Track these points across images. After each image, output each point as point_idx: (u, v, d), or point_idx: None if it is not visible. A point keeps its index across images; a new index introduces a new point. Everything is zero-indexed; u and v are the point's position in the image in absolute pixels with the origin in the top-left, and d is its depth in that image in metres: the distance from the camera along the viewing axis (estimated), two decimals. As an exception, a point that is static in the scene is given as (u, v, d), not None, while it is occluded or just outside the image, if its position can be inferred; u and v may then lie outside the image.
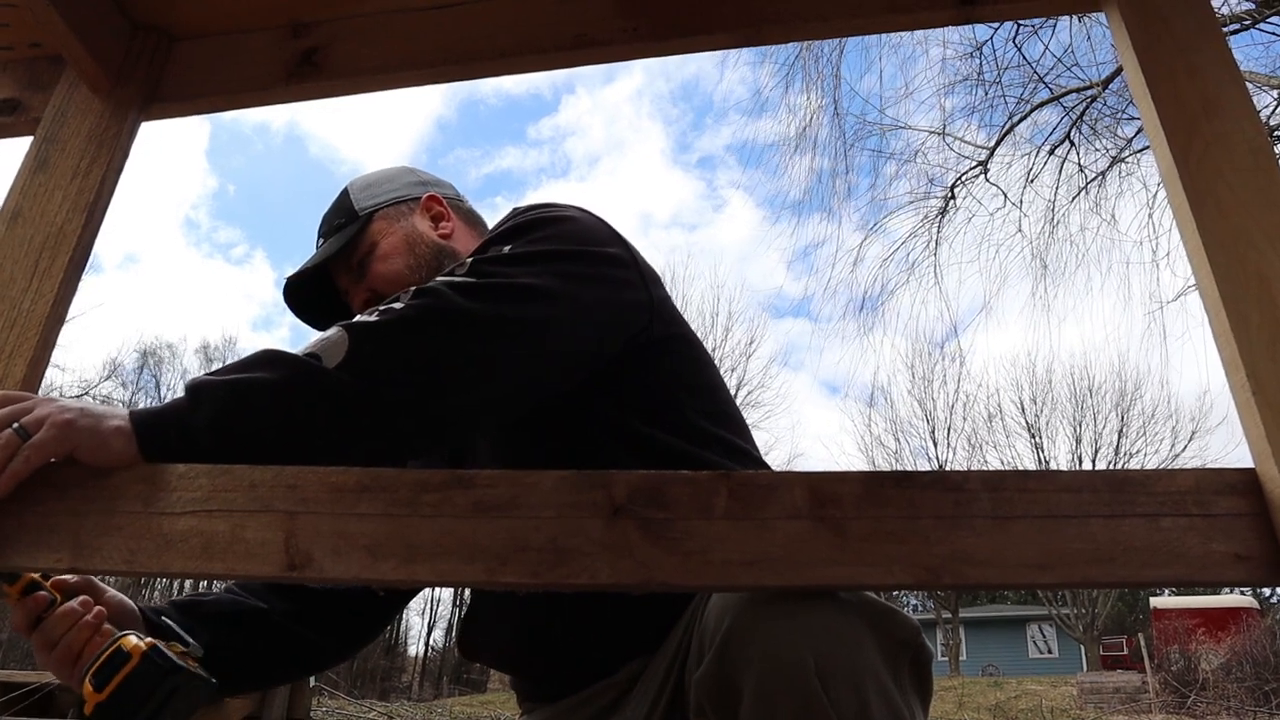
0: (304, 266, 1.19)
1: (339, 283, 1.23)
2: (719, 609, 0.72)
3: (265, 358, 0.81)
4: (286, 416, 0.78)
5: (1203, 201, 0.71)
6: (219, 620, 1.02)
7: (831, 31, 0.95)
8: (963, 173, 8.17)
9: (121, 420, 0.77)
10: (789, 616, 0.68)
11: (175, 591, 23.31)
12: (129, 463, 0.74)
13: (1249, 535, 0.62)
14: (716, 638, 0.71)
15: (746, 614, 0.69)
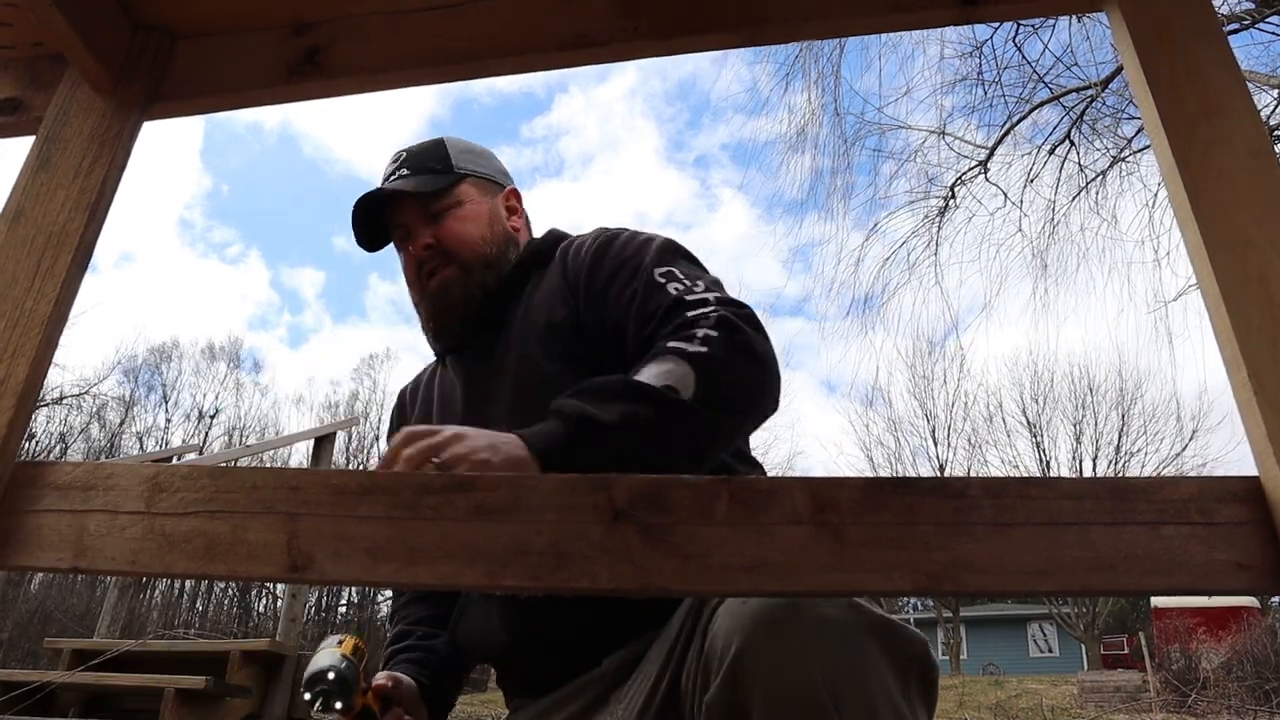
0: (387, 189, 1.25)
1: (400, 216, 1.27)
2: (726, 629, 0.72)
3: (632, 391, 0.89)
4: (662, 447, 0.88)
5: (1203, 201, 0.71)
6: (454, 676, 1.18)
7: (832, 31, 0.95)
8: (963, 172, 8.17)
9: (522, 452, 0.84)
10: (798, 637, 0.69)
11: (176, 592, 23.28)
12: None
13: (1251, 543, 0.62)
14: (725, 660, 0.71)
15: (756, 636, 0.70)
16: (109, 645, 4.25)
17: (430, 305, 1.26)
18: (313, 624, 24.14)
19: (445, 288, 1.24)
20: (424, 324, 1.29)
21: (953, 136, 8.19)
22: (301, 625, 4.92)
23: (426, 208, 1.26)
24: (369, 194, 1.24)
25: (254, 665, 4.15)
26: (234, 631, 21.44)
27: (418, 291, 1.28)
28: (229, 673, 3.99)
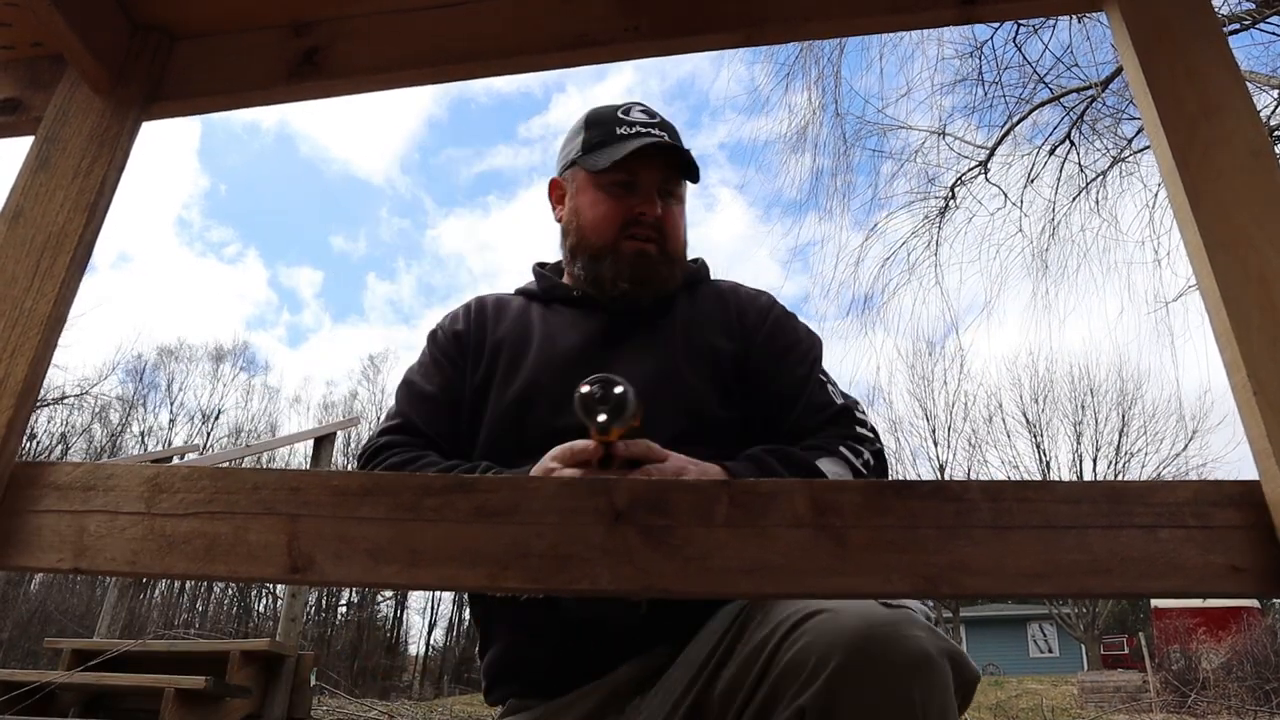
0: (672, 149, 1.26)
1: (644, 171, 1.27)
2: (825, 643, 0.77)
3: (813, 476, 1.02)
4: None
5: (1203, 202, 0.71)
6: None
7: (833, 31, 0.95)
8: (963, 172, 8.17)
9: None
10: (900, 658, 0.74)
11: (175, 592, 23.29)
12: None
13: (1246, 547, 0.62)
14: (825, 670, 0.75)
15: (860, 651, 0.75)
16: (109, 645, 4.25)
17: (627, 264, 1.25)
18: (313, 624, 24.13)
19: (650, 261, 1.25)
20: (593, 267, 1.28)
21: (953, 137, 8.19)
22: (301, 625, 4.92)
23: (668, 182, 1.28)
24: (655, 140, 1.26)
25: (254, 665, 4.15)
26: (234, 631, 21.45)
27: (617, 241, 1.26)
28: (229, 673, 3.99)
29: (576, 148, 1.33)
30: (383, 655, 25.57)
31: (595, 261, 1.27)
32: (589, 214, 1.28)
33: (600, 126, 1.31)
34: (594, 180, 1.28)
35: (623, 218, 1.25)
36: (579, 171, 1.31)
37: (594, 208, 1.28)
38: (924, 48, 7.96)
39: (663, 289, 1.27)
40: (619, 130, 1.28)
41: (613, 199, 1.27)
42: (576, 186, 1.32)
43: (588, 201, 1.29)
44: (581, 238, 1.29)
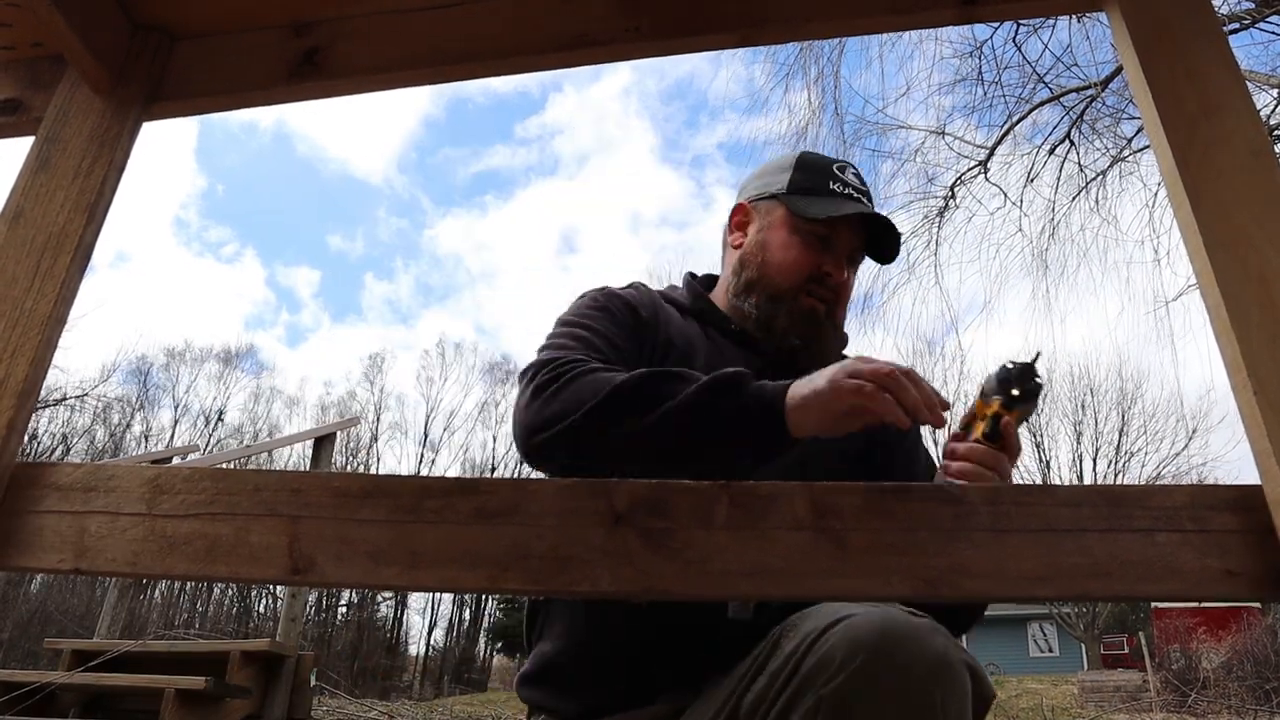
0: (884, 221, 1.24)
1: (844, 235, 1.24)
2: (850, 640, 0.77)
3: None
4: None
5: (1203, 201, 0.71)
6: None
7: (833, 31, 0.95)
8: (963, 172, 8.17)
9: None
10: (923, 659, 0.75)
11: (175, 592, 23.28)
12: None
13: (1242, 551, 0.62)
14: (851, 665, 0.75)
15: (884, 648, 0.75)
16: (109, 646, 4.25)
17: (800, 318, 1.22)
18: (313, 624, 24.14)
19: (819, 321, 1.23)
20: (769, 309, 1.23)
21: (953, 136, 8.19)
22: (301, 625, 4.92)
23: (857, 252, 1.26)
24: (870, 212, 1.23)
25: (254, 666, 4.15)
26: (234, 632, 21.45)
27: (797, 292, 1.22)
28: (229, 673, 3.99)
29: (781, 184, 1.28)
30: (383, 655, 25.58)
31: (773, 304, 1.22)
32: (778, 254, 1.24)
33: (812, 173, 1.27)
34: (793, 223, 1.24)
35: (810, 270, 1.22)
36: (779, 208, 1.27)
37: (785, 250, 1.23)
38: (923, 47, 7.97)
39: (822, 352, 1.22)
40: (832, 185, 1.25)
41: (806, 248, 1.23)
42: (771, 221, 1.28)
43: (780, 241, 1.25)
44: (764, 274, 1.24)
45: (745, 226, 1.33)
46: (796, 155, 1.32)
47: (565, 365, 1.03)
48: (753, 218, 1.32)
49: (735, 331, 1.26)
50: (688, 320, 1.27)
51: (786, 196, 1.26)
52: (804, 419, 0.92)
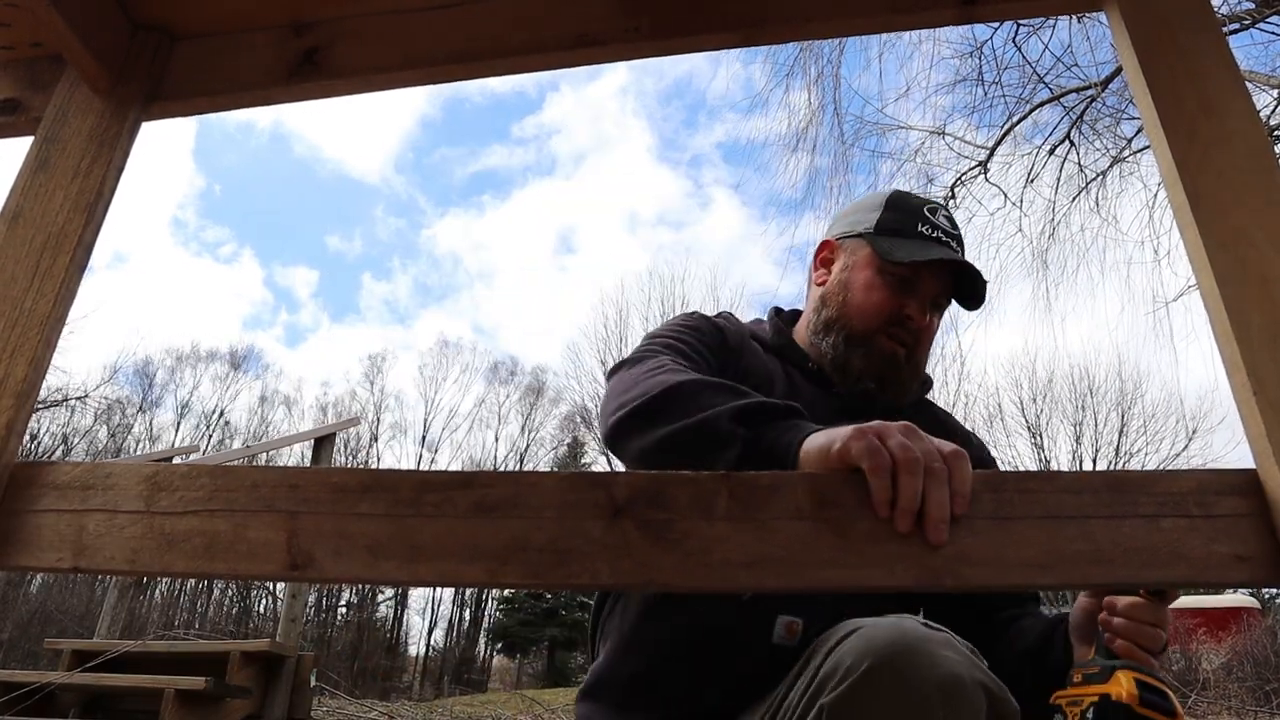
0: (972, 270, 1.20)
1: (929, 281, 1.21)
2: (860, 648, 0.74)
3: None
4: None
5: (1203, 202, 0.71)
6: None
7: (833, 31, 0.95)
8: (963, 172, 8.17)
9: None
10: (929, 674, 0.70)
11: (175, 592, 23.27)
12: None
13: (1250, 536, 0.62)
14: (856, 671, 0.73)
15: (891, 659, 0.72)
16: (109, 646, 4.25)
17: (878, 362, 1.20)
18: (313, 625, 24.14)
19: (898, 365, 1.20)
20: (846, 351, 1.21)
21: (953, 136, 8.19)
22: (301, 626, 4.92)
23: (941, 297, 1.23)
24: (958, 259, 1.21)
25: (254, 666, 4.15)
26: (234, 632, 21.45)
27: (876, 334, 1.20)
28: (229, 673, 3.98)
29: (869, 223, 1.26)
30: (383, 656, 25.57)
31: (850, 346, 1.21)
32: (860, 295, 1.22)
33: (902, 213, 1.25)
34: (877, 264, 1.22)
35: (891, 312, 1.20)
36: (865, 247, 1.25)
37: (868, 291, 1.22)
38: (923, 47, 7.97)
39: (899, 397, 1.21)
40: (921, 228, 1.23)
41: (889, 290, 1.21)
42: (855, 260, 1.26)
43: (863, 282, 1.23)
44: (844, 314, 1.23)
45: (830, 264, 1.31)
46: (888, 194, 1.29)
47: (650, 363, 1.07)
48: (838, 255, 1.30)
49: (813, 371, 1.25)
50: (769, 356, 1.27)
51: (873, 236, 1.24)
52: (816, 463, 0.86)
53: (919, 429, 0.75)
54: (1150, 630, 0.89)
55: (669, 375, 1.02)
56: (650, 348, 1.15)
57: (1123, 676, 0.83)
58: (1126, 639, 0.89)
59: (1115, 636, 0.90)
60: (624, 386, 1.05)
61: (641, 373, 1.05)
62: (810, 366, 1.25)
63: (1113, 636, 0.90)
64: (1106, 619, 0.92)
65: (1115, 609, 0.91)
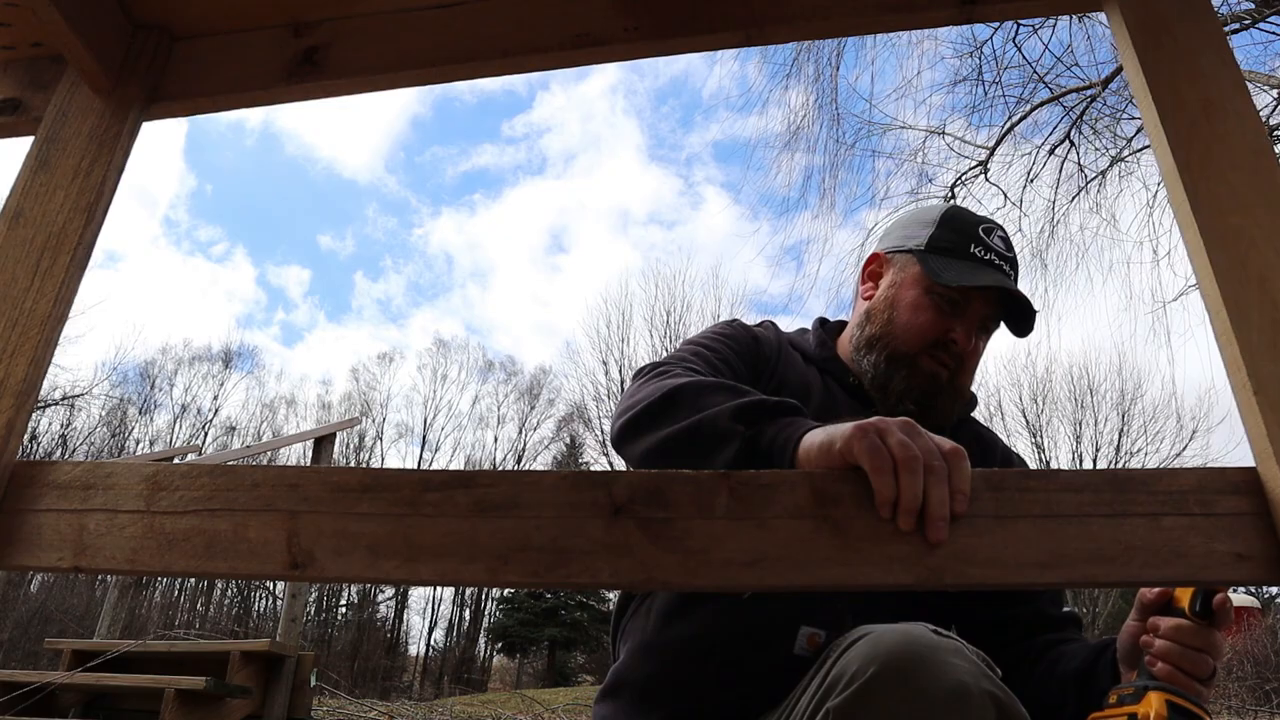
0: (1020, 298, 1.17)
1: (979, 307, 1.19)
2: (866, 654, 0.73)
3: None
4: None
5: (1203, 201, 0.71)
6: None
7: (833, 31, 0.95)
8: (963, 172, 8.17)
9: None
10: (934, 684, 0.69)
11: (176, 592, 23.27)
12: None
13: (1251, 535, 0.62)
14: (861, 678, 0.71)
15: (895, 666, 0.70)
16: (109, 646, 4.25)
17: (919, 383, 1.18)
18: (313, 625, 24.14)
19: (939, 387, 1.18)
20: (887, 371, 1.19)
21: (952, 136, 8.20)
22: (301, 626, 4.92)
23: (989, 320, 1.21)
24: (1007, 286, 1.18)
25: (254, 666, 4.15)
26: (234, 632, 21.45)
27: (919, 354, 1.18)
28: (229, 673, 3.99)
29: (921, 239, 1.23)
30: (383, 656, 25.58)
31: (891, 366, 1.18)
32: (905, 314, 1.19)
33: (955, 233, 1.22)
34: (926, 283, 1.19)
35: (936, 334, 1.17)
36: (915, 265, 1.22)
37: (914, 311, 1.19)
38: (923, 47, 7.97)
39: (940, 421, 1.17)
40: (974, 249, 1.19)
41: (935, 311, 1.18)
42: (903, 277, 1.23)
43: (909, 301, 1.20)
44: (888, 332, 1.20)
45: (877, 277, 1.28)
46: (943, 210, 1.26)
47: (668, 370, 1.06)
48: (886, 270, 1.27)
49: (854, 385, 1.23)
50: (809, 367, 1.25)
51: (924, 254, 1.21)
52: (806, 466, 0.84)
53: (918, 425, 0.75)
54: (1193, 654, 0.86)
55: (674, 380, 1.01)
56: (678, 354, 1.15)
57: (1154, 697, 0.82)
58: (1167, 662, 0.87)
59: (1155, 659, 0.88)
60: (632, 392, 1.05)
61: (652, 378, 1.05)
62: (851, 381, 1.23)
63: (1153, 659, 0.88)
64: (1148, 640, 0.90)
65: (1157, 630, 0.89)
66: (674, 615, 1.06)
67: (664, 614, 1.07)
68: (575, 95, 45.39)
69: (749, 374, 1.17)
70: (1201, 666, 0.86)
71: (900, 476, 0.68)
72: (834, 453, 0.75)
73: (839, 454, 0.74)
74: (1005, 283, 1.17)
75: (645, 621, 1.09)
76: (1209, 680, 0.87)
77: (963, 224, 1.23)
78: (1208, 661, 0.86)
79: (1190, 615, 0.87)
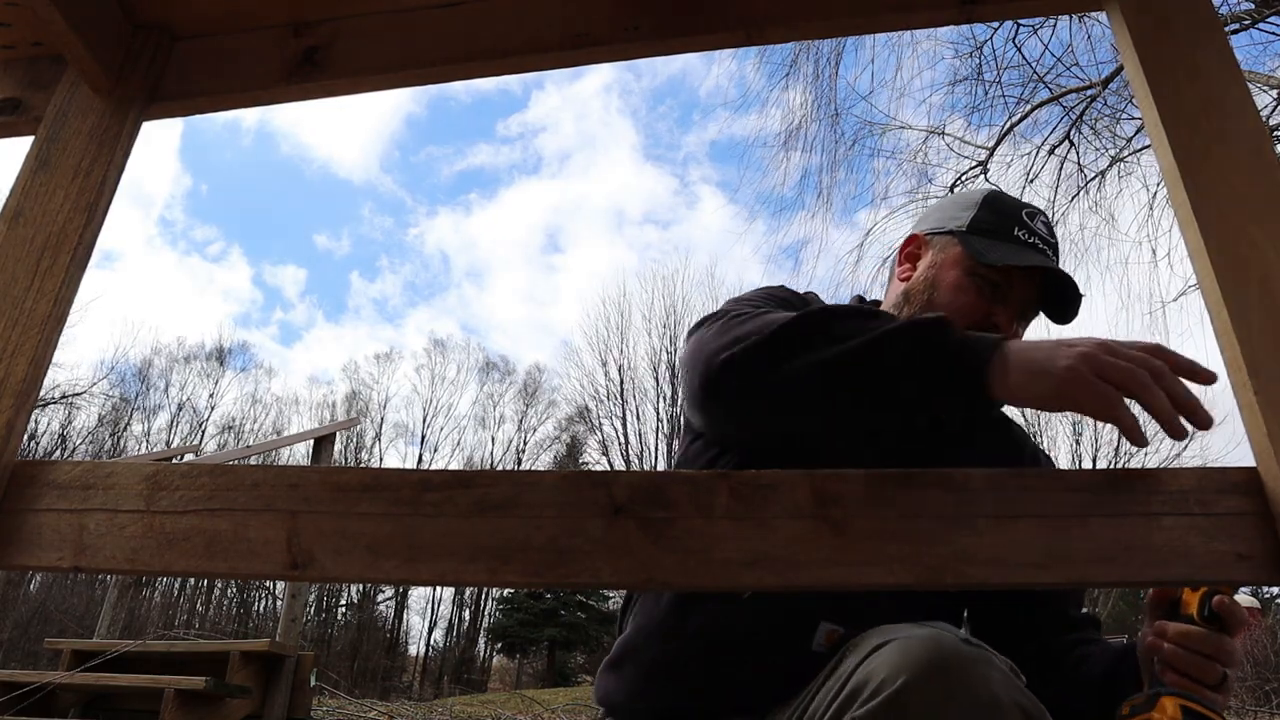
0: (1068, 280, 1.15)
1: (1022, 292, 1.15)
2: (895, 663, 0.71)
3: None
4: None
5: (1204, 201, 0.71)
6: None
7: (833, 30, 0.95)
8: (962, 172, 8.17)
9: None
10: (966, 696, 0.68)
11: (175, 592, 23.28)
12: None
13: (1251, 534, 0.62)
14: (888, 689, 0.70)
15: (925, 677, 0.68)
16: (109, 646, 4.25)
17: None
18: (313, 625, 24.14)
19: None
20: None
21: (952, 136, 8.19)
22: (301, 626, 4.92)
23: (1030, 307, 1.17)
24: (1053, 269, 1.16)
25: (254, 665, 4.15)
26: (234, 632, 21.46)
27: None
28: (229, 673, 3.99)
29: (962, 220, 1.19)
30: (383, 656, 25.58)
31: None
32: (947, 296, 1.15)
33: (999, 214, 1.18)
34: (967, 264, 1.15)
35: (977, 316, 1.13)
36: (955, 245, 1.18)
37: (955, 292, 1.15)
38: (923, 47, 7.97)
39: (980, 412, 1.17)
40: (1018, 232, 1.16)
41: (977, 294, 1.14)
42: (944, 258, 1.19)
43: (950, 282, 1.16)
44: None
45: (916, 259, 1.24)
46: (985, 193, 1.23)
47: (755, 310, 1.00)
48: (925, 251, 1.23)
49: None
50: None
51: (965, 235, 1.17)
52: (1020, 385, 0.80)
53: (1107, 341, 0.75)
54: (1200, 660, 0.85)
55: (783, 314, 0.96)
56: (739, 306, 1.08)
57: (1168, 703, 0.82)
58: (1175, 668, 0.86)
59: (1165, 667, 0.87)
60: (723, 331, 0.98)
61: (741, 319, 0.98)
62: None
63: (1163, 667, 0.87)
64: (1156, 644, 0.89)
65: (1164, 635, 0.88)
66: (689, 601, 1.03)
67: (678, 599, 1.04)
68: (570, 94, 45.42)
69: None
70: (1210, 673, 0.85)
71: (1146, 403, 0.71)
72: (1059, 386, 0.76)
73: (1065, 385, 0.75)
74: (1050, 264, 1.14)
75: (658, 603, 1.06)
76: (1221, 686, 0.85)
77: (1006, 207, 1.20)
78: (1216, 668, 0.85)
79: (1199, 620, 0.86)
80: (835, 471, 0.67)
